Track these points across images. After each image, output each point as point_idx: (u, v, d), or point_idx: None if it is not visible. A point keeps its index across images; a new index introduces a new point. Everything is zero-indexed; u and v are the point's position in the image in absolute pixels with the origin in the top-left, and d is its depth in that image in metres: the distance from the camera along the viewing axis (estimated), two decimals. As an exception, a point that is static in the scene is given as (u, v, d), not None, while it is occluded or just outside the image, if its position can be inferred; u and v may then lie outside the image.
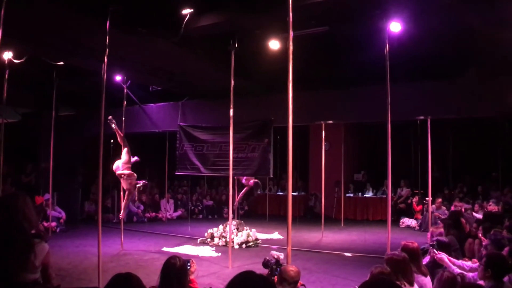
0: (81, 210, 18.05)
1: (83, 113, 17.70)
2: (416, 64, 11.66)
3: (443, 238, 7.17)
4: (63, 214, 15.28)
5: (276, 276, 5.00)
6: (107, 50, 8.37)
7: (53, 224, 14.54)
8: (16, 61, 10.82)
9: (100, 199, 8.44)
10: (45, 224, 14.20)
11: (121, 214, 12.28)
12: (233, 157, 10.75)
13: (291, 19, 6.10)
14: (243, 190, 13.92)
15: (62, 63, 12.18)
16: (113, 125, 11.49)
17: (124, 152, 11.62)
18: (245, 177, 13.75)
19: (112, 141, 14.41)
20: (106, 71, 8.41)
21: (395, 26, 9.01)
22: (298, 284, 4.85)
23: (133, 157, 11.94)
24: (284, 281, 4.69)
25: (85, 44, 10.76)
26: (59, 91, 14.07)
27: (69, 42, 10.63)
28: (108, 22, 8.34)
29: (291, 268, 4.75)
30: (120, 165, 11.55)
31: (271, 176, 13.96)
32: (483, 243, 7.63)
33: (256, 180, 13.96)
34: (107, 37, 8.33)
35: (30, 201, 3.89)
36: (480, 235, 8.16)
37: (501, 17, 9.18)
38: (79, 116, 17.96)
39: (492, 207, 13.69)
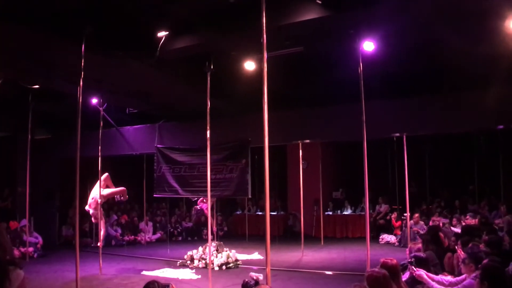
0: (59, 234, 17.79)
1: (59, 136, 17.56)
2: (390, 82, 11.83)
3: (421, 254, 7.20)
4: (40, 239, 15.03)
5: None
6: (82, 72, 8.37)
7: (30, 249, 14.30)
8: (-9, 85, 10.75)
9: (77, 223, 8.37)
10: (22, 249, 14.02)
11: (99, 243, 12.23)
12: (211, 178, 10.72)
13: (265, 40, 6.14)
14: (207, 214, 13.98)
15: (37, 86, 12.11)
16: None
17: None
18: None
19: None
20: (81, 94, 8.40)
21: (368, 46, 9.17)
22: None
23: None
24: None
25: (60, 67, 10.71)
26: (34, 114, 13.99)
27: (44, 65, 10.58)
28: (83, 44, 8.33)
29: None
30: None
31: (250, 196, 13.95)
32: (461, 257, 7.67)
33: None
34: (82, 60, 8.33)
35: (4, 228, 3.85)
36: (460, 250, 8.17)
37: (473, 34, 9.37)
38: (55, 140, 17.80)
39: (469, 220, 13.81)
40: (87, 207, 12.25)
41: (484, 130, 15.66)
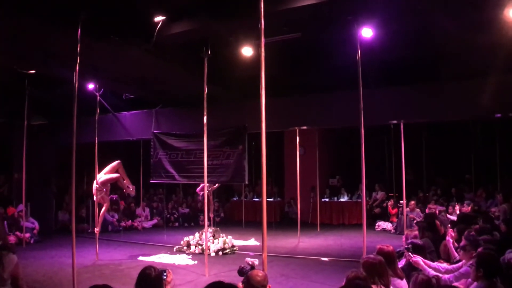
0: (55, 220, 17.78)
1: (55, 122, 17.49)
2: (388, 69, 11.79)
3: (418, 241, 7.21)
4: (36, 225, 15.03)
5: (243, 285, 4.85)
6: (78, 58, 8.29)
7: (27, 235, 14.30)
8: (-14, 71, 10.68)
9: (74, 209, 8.33)
10: (19, 235, 14.03)
11: (96, 229, 12.18)
12: (208, 164, 10.73)
13: (262, 26, 6.10)
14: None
15: (33, 72, 12.03)
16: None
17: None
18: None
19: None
20: (78, 80, 8.32)
21: (367, 32, 9.12)
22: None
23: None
24: (252, 287, 4.56)
25: (56, 53, 10.61)
26: (31, 100, 13.92)
27: (40, 51, 10.48)
28: (79, 30, 8.25)
29: (258, 273, 4.63)
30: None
31: (246, 182, 13.95)
32: (449, 243, 7.71)
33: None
34: (78, 46, 8.25)
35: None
36: (449, 236, 8.12)
37: (471, 21, 9.33)
38: (51, 125, 17.72)
39: (465, 208, 13.81)
40: (94, 196, 12.32)
41: (481, 119, 15.66)
